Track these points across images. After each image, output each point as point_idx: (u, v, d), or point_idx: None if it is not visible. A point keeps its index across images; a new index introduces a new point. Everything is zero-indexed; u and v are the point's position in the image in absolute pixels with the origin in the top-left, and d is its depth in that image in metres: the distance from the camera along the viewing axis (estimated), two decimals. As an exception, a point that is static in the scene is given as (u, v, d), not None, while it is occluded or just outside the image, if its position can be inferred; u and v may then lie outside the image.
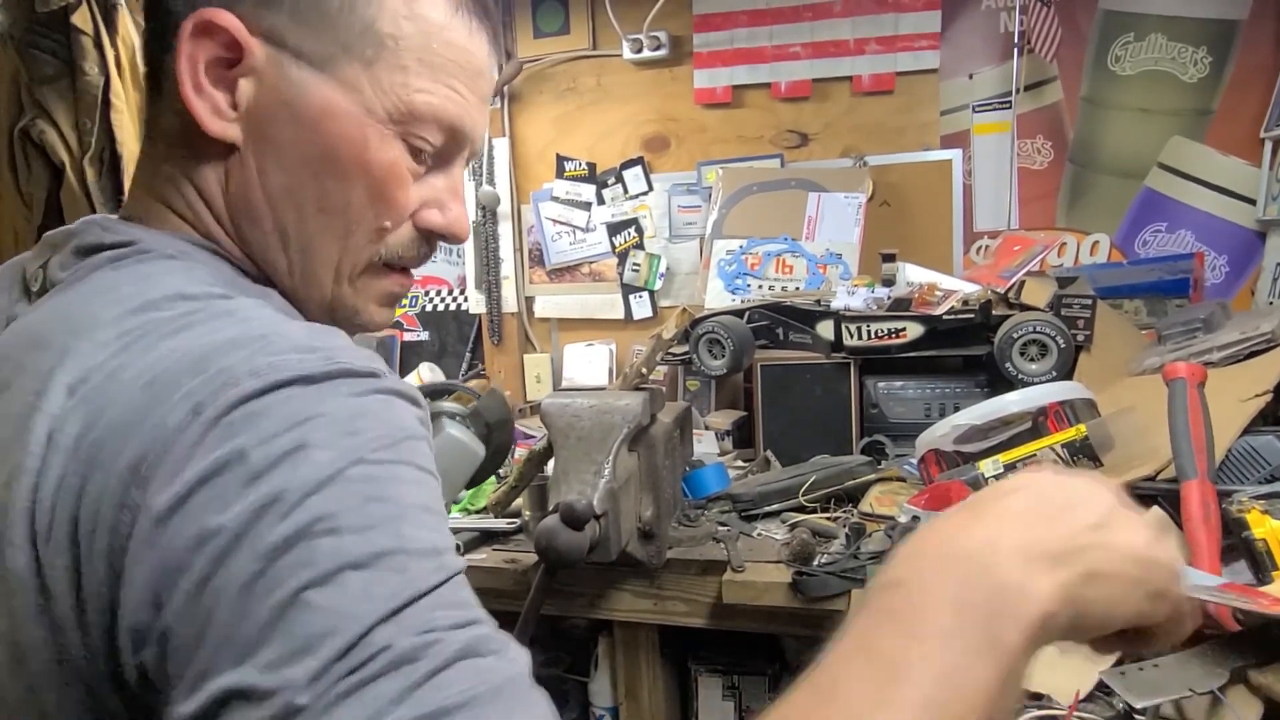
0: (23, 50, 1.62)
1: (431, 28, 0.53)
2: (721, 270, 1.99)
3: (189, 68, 0.49)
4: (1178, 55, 1.84)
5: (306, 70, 0.51)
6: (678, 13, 2.11)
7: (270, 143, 0.51)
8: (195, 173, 0.52)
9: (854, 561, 1.29)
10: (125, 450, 0.40)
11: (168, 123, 0.52)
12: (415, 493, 0.41)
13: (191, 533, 0.37)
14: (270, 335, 0.43)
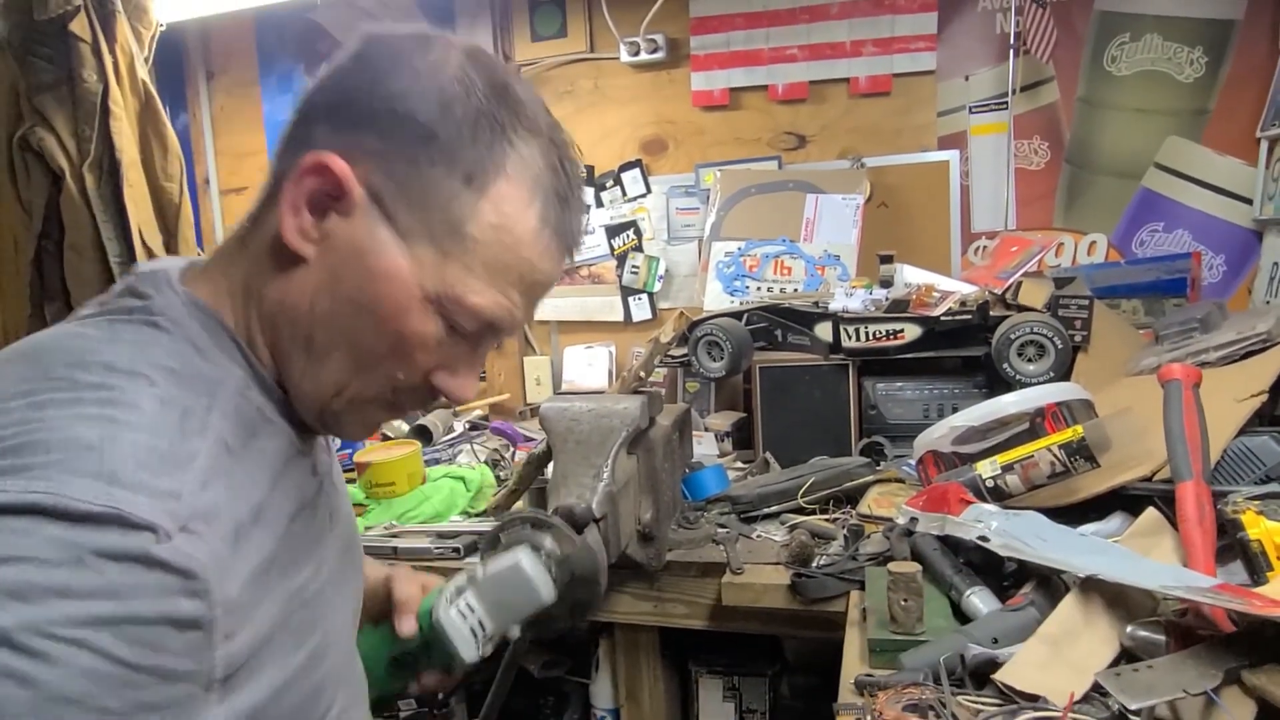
0: (21, 58, 1.63)
1: (510, 240, 0.59)
2: (720, 272, 2.00)
3: (293, 190, 0.56)
4: (1174, 55, 1.85)
5: (389, 233, 0.57)
6: (675, 15, 2.12)
7: (332, 274, 0.58)
8: (263, 267, 0.59)
9: (852, 563, 1.30)
10: None
11: (265, 219, 0.59)
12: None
13: None
14: (99, 448, 0.46)
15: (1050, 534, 1.07)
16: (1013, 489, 1.28)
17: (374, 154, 0.56)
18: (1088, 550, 1.01)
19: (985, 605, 1.04)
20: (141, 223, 1.69)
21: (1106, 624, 0.90)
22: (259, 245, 0.59)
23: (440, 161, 0.57)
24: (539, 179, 0.59)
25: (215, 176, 2.63)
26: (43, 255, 1.65)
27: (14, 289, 1.68)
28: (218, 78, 2.59)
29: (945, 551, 1.18)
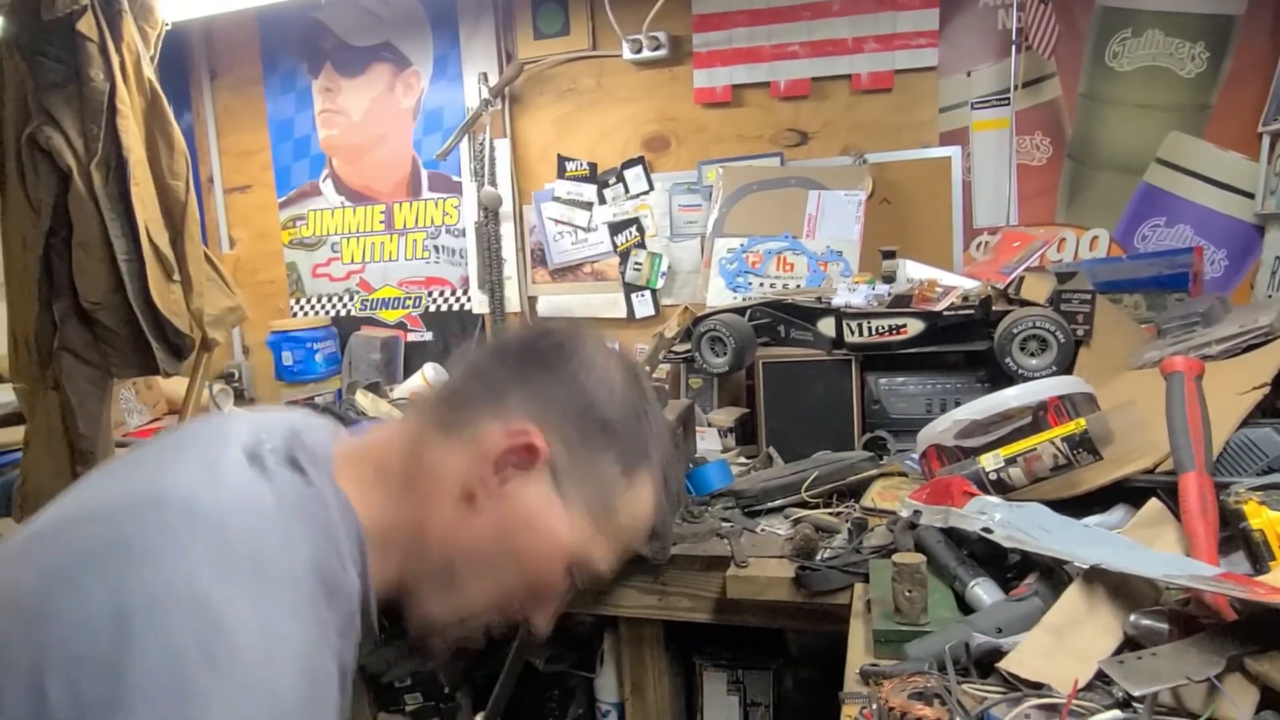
0: (29, 58, 1.63)
1: (639, 525, 0.71)
2: (723, 268, 2.01)
3: (495, 449, 0.64)
4: (1175, 51, 1.85)
5: (558, 499, 0.66)
6: (677, 13, 2.13)
7: (501, 524, 0.65)
8: (430, 500, 0.65)
9: (856, 556, 1.30)
10: None
11: (451, 459, 0.65)
12: None
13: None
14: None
15: (1053, 525, 1.07)
16: (1016, 482, 1.29)
17: (560, 430, 0.66)
18: (1091, 541, 1.02)
19: (989, 596, 1.04)
20: (148, 220, 1.69)
21: (1110, 613, 0.91)
22: (430, 477, 0.65)
23: (610, 448, 0.67)
24: (660, 473, 0.72)
25: (219, 175, 2.64)
26: (51, 253, 1.64)
27: (22, 286, 1.68)
28: (221, 77, 2.60)
29: (949, 544, 1.18)
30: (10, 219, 1.70)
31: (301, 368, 2.45)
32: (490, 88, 2.25)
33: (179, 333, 1.72)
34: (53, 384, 1.68)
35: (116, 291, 1.65)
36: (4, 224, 1.71)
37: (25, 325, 1.70)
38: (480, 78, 2.27)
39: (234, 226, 2.66)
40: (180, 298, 1.76)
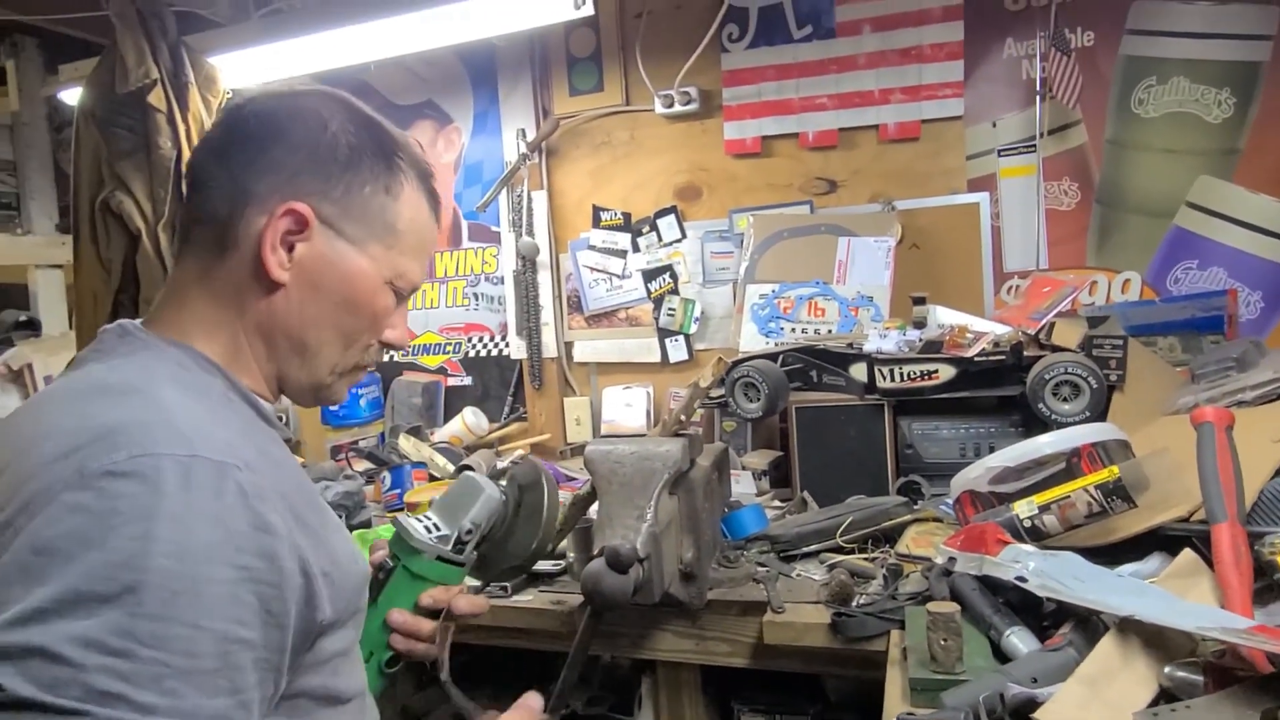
0: (104, 128, 1.75)
1: (419, 226, 0.80)
2: (755, 314, 2.05)
3: (270, 236, 0.72)
4: (1201, 97, 1.88)
5: (345, 244, 0.75)
6: (707, 69, 2.20)
7: (312, 287, 0.74)
8: (241, 299, 0.73)
9: (892, 602, 1.31)
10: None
11: (231, 267, 0.73)
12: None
13: None
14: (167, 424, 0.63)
15: (1088, 574, 1.09)
16: (1050, 529, 1.30)
17: (316, 192, 0.73)
18: (1125, 591, 1.03)
19: (1025, 645, 1.05)
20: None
21: (1145, 664, 0.92)
22: (230, 282, 0.73)
23: (359, 176, 0.75)
24: (419, 181, 0.80)
25: (271, 228, 2.75)
26: (119, 309, 1.76)
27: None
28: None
29: (984, 591, 1.19)
30: (83, 277, 1.81)
31: (346, 412, 2.53)
32: (528, 142, 2.34)
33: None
34: (118, 433, 1.77)
35: (179, 346, 1.75)
36: (77, 283, 1.83)
37: (93, 377, 1.80)
38: (519, 133, 2.36)
39: (284, 276, 2.76)
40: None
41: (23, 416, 0.68)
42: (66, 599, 0.51)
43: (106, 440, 0.57)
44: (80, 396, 0.64)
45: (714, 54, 2.19)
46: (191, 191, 0.74)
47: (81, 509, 0.54)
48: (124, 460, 0.56)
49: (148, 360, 0.69)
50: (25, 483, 0.57)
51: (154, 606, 0.52)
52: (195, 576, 0.54)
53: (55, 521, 0.54)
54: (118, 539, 0.53)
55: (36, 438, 0.60)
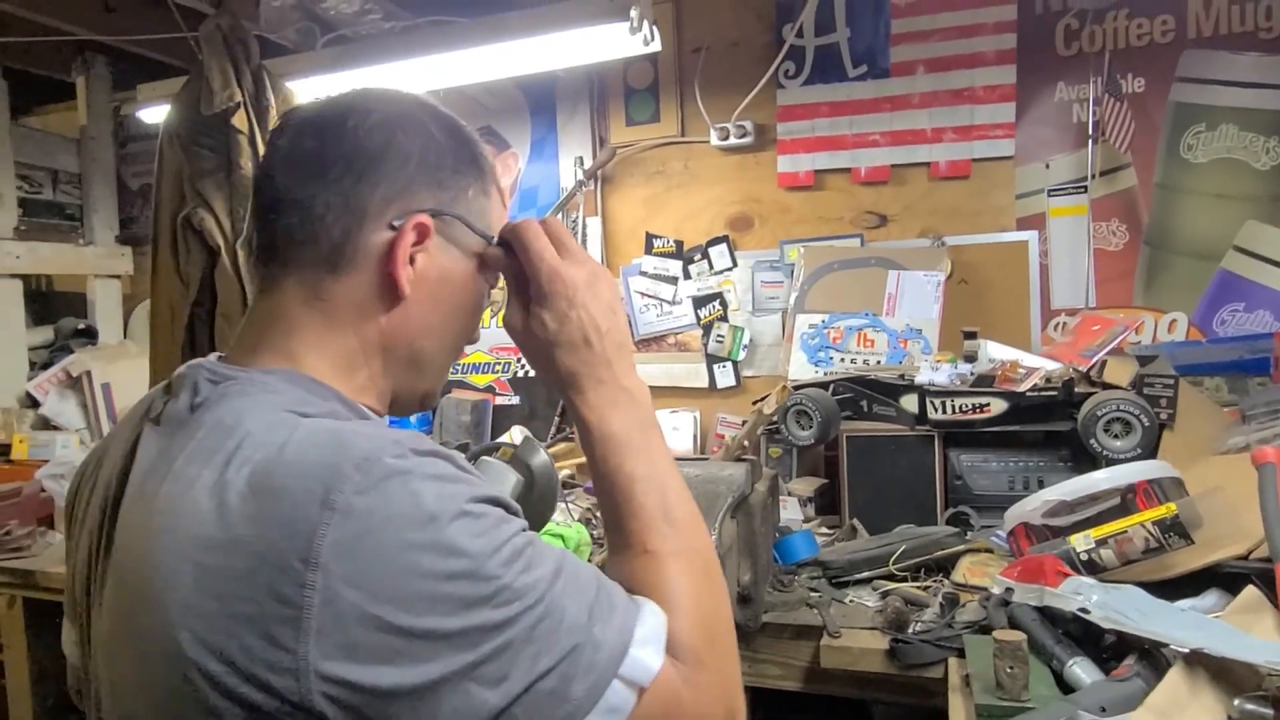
0: (187, 147, 1.83)
1: (501, 222, 0.78)
2: (805, 343, 2.09)
3: (401, 252, 0.68)
4: (1249, 144, 1.92)
5: (457, 251, 0.73)
6: (763, 104, 2.27)
7: (432, 298, 0.72)
8: (361, 318, 0.69)
9: (949, 630, 1.34)
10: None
11: (348, 286, 0.69)
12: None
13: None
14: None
15: (1150, 608, 1.12)
16: (1107, 563, 1.33)
17: (431, 200, 0.70)
18: (1190, 625, 1.06)
19: (1088, 675, 1.08)
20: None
21: (1212, 697, 0.95)
22: (347, 302, 0.68)
23: (464, 180, 0.73)
24: (495, 177, 0.77)
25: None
26: (195, 322, 1.83)
27: (167, 352, 1.86)
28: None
29: (1043, 622, 1.22)
30: (160, 290, 1.88)
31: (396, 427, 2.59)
32: (585, 170, 2.41)
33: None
34: (189, 440, 1.84)
35: (252, 358, 1.81)
36: (154, 294, 1.90)
37: (167, 386, 1.87)
38: (576, 160, 2.43)
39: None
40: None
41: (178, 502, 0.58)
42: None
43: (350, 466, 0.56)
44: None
45: (769, 89, 2.26)
46: (281, 214, 0.68)
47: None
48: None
49: (274, 396, 0.64)
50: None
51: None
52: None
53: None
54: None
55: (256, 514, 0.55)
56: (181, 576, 0.55)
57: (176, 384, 0.66)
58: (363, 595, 0.52)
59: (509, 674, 0.54)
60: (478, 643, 0.54)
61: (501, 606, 0.55)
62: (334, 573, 0.52)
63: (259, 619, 0.52)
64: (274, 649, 0.52)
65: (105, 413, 2.75)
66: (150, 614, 0.56)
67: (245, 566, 0.53)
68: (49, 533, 2.26)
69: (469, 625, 0.54)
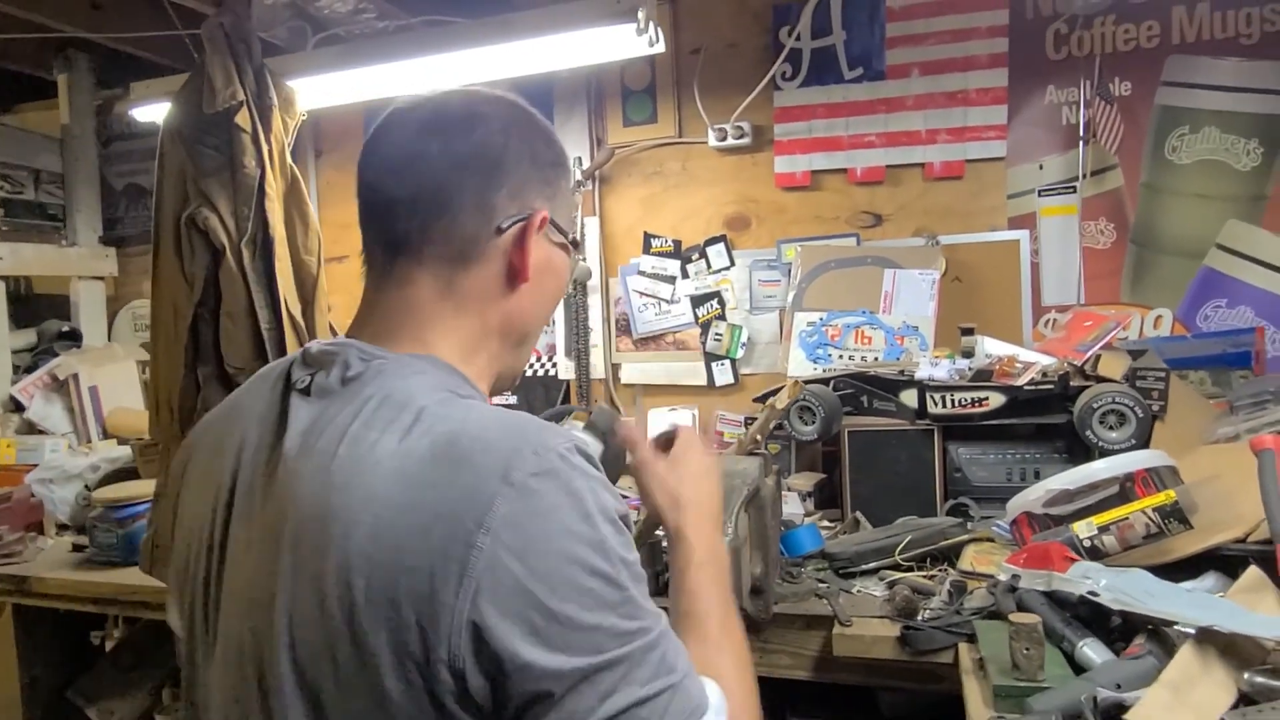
0: (191, 146, 1.82)
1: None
2: (803, 340, 2.13)
3: (529, 243, 0.76)
4: (1231, 146, 1.99)
5: (560, 238, 0.81)
6: (760, 105, 2.30)
7: (540, 283, 0.79)
8: (486, 304, 0.76)
9: (958, 617, 1.38)
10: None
11: (477, 276, 0.76)
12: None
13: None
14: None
15: (1158, 590, 1.16)
16: (1109, 549, 1.37)
17: (543, 195, 0.78)
18: (1198, 605, 1.10)
19: (1098, 655, 1.12)
20: (286, 292, 1.85)
21: (1223, 671, 0.99)
22: (476, 291, 0.76)
23: (562, 177, 0.82)
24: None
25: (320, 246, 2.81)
26: (199, 322, 1.81)
27: (169, 352, 1.84)
28: (326, 154, 2.81)
29: (1051, 604, 1.26)
30: (162, 290, 1.86)
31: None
32: (583, 170, 2.43)
33: (310, 396, 1.86)
34: (193, 442, 1.82)
35: (258, 358, 1.80)
36: (155, 294, 1.88)
37: (169, 388, 1.85)
38: (574, 161, 2.45)
39: (332, 294, 2.82)
40: (311, 363, 1.90)
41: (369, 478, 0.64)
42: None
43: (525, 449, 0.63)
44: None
45: (766, 91, 2.29)
46: (413, 213, 0.73)
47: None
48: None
49: (428, 377, 0.71)
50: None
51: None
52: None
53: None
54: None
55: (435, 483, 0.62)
56: (360, 528, 0.60)
57: (320, 360, 0.72)
58: (521, 567, 0.58)
59: (617, 688, 0.59)
60: (601, 646, 0.59)
61: (626, 619, 0.61)
62: (501, 540, 0.58)
63: (428, 571, 0.58)
64: (435, 600, 0.58)
65: (93, 416, 2.71)
66: (325, 559, 0.61)
67: (422, 523, 0.59)
68: (39, 538, 2.23)
69: (599, 624, 0.59)
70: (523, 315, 0.79)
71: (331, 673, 0.61)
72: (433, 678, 0.58)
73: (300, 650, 0.63)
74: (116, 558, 2.03)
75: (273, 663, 0.64)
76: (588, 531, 0.61)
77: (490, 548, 0.58)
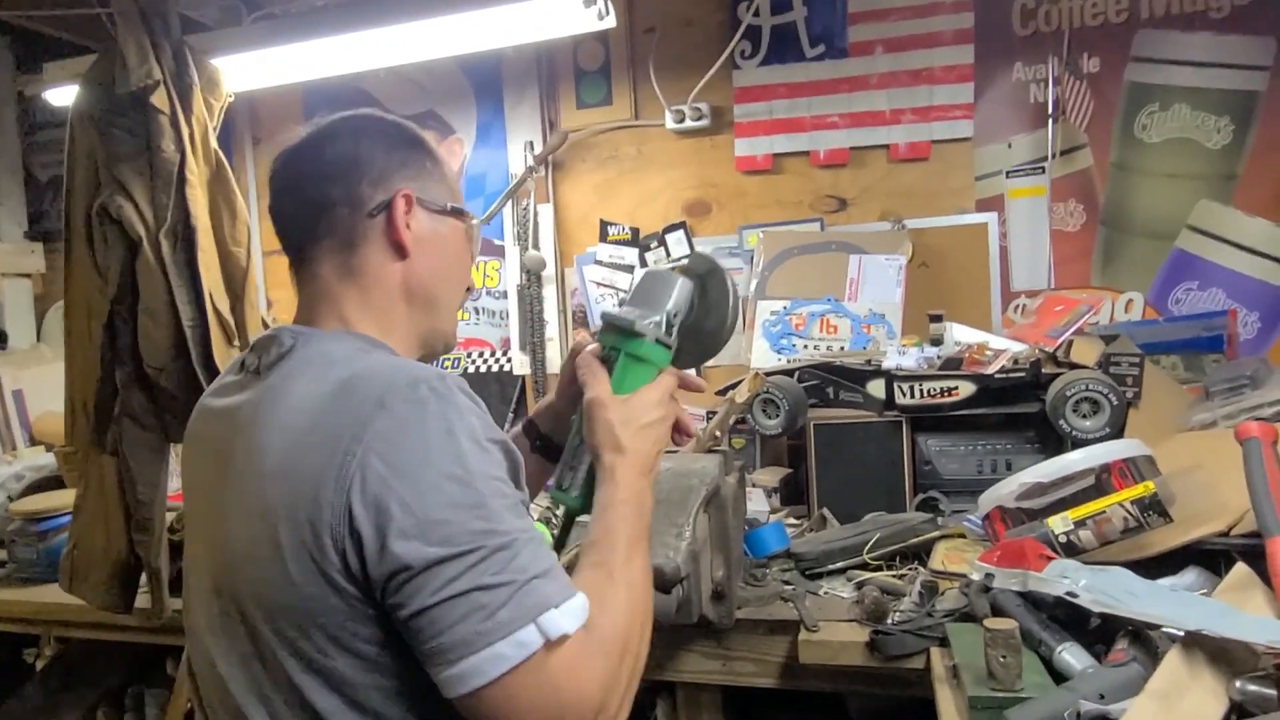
0: (102, 129, 1.68)
1: (456, 183, 1.01)
2: (766, 330, 2.05)
3: (398, 219, 0.90)
4: (1201, 124, 1.94)
5: (435, 212, 0.94)
6: (719, 86, 2.21)
7: (428, 253, 0.93)
8: (381, 278, 0.91)
9: (929, 619, 1.31)
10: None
11: (364, 256, 0.90)
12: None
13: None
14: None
15: (1140, 589, 1.09)
16: (1086, 544, 1.31)
17: (399, 172, 0.91)
18: (1184, 605, 1.03)
19: (1078, 661, 1.05)
20: (212, 286, 1.72)
21: (1212, 679, 0.92)
22: (368, 269, 0.90)
23: (421, 151, 0.95)
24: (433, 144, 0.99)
25: (259, 238, 2.68)
26: (115, 319, 1.67)
27: (84, 353, 1.70)
28: (264, 143, 2.67)
29: (1028, 607, 1.19)
30: (75, 287, 1.73)
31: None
32: (535, 155, 2.31)
33: (239, 396, 1.73)
34: (111, 449, 1.69)
35: (180, 357, 1.67)
36: (68, 292, 1.74)
37: (85, 391, 1.71)
38: (526, 145, 2.34)
39: (272, 289, 2.70)
40: (240, 362, 1.78)
41: (283, 415, 0.80)
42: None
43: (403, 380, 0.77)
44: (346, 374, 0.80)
45: (725, 70, 2.20)
46: (305, 223, 0.90)
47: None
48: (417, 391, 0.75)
49: (346, 342, 0.86)
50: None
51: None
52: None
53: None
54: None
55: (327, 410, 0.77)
56: (271, 452, 0.78)
57: (262, 344, 0.88)
58: (385, 468, 0.72)
59: (462, 575, 0.70)
60: (451, 538, 0.71)
61: (480, 520, 0.72)
62: (372, 448, 0.73)
63: (315, 478, 0.74)
64: (319, 499, 0.73)
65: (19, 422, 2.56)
66: (246, 480, 0.79)
67: (314, 442, 0.75)
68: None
69: (449, 519, 0.71)
70: (421, 281, 0.92)
71: (259, 570, 0.77)
72: (322, 558, 0.73)
73: (237, 559, 0.79)
74: (38, 574, 1.92)
75: (228, 580, 0.81)
76: (448, 444, 0.73)
77: (362, 455, 0.72)
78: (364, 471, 0.72)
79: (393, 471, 0.72)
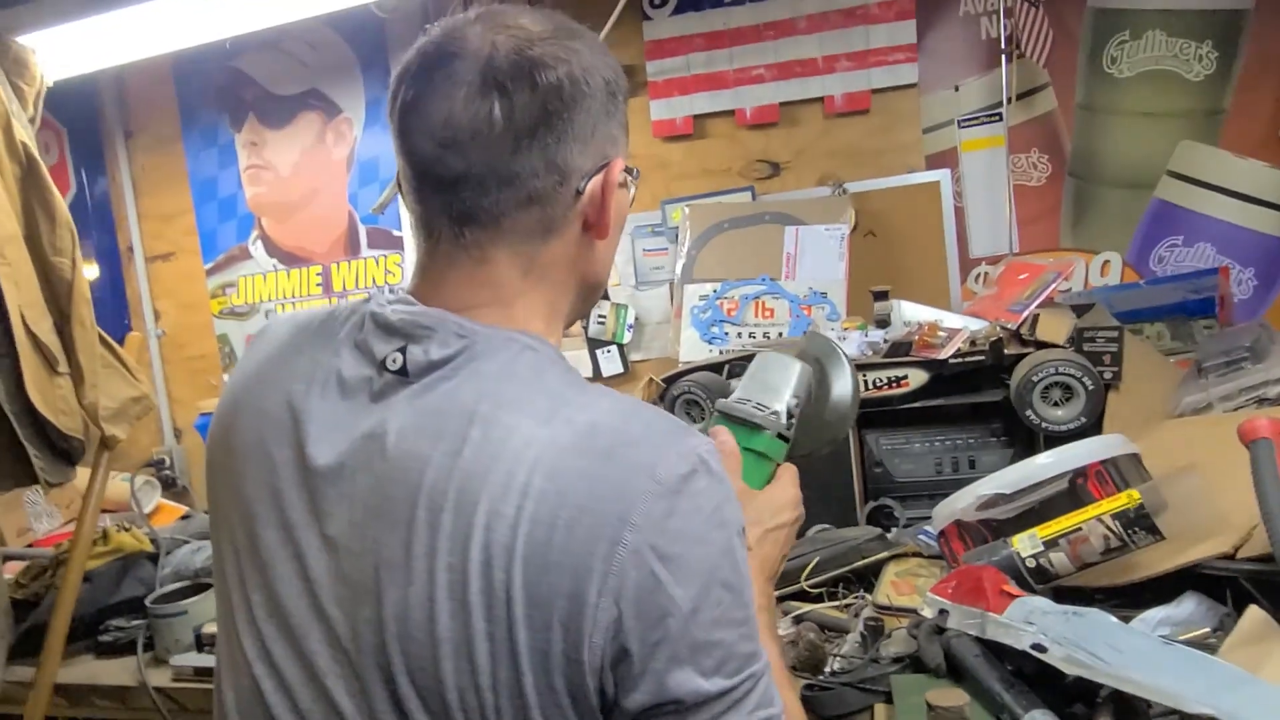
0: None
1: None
2: (695, 318, 1.79)
3: (608, 198, 0.68)
4: (1180, 52, 1.69)
5: (623, 180, 0.72)
6: (628, 40, 1.94)
7: (615, 229, 0.72)
8: (570, 270, 0.71)
9: (874, 667, 1.08)
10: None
11: (565, 241, 0.69)
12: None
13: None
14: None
15: (1125, 643, 0.85)
16: (1059, 569, 1.08)
17: (611, 140, 0.69)
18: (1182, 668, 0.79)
19: (1050, 735, 0.82)
20: (24, 305, 1.46)
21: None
22: (561, 257, 0.69)
23: (622, 113, 0.72)
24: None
25: (139, 242, 2.41)
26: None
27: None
28: (137, 136, 2.38)
29: (987, 657, 0.97)
30: None
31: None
32: (427, 132, 2.04)
33: (64, 435, 1.47)
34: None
35: (-16, 393, 1.41)
36: None
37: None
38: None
39: (158, 299, 2.43)
40: (69, 392, 1.51)
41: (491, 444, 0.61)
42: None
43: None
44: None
45: (634, 22, 1.93)
46: (484, 188, 0.64)
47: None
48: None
49: (529, 356, 0.66)
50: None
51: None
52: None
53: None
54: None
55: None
56: (503, 520, 0.58)
57: (406, 331, 0.65)
58: (664, 568, 0.57)
59: (724, 712, 0.59)
60: (722, 666, 0.59)
61: (746, 640, 0.60)
62: (647, 539, 0.57)
63: (571, 567, 0.57)
64: (578, 598, 0.56)
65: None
66: (465, 552, 0.58)
67: (567, 517, 0.57)
68: None
69: (722, 640, 0.58)
70: (597, 268, 0.74)
71: (468, 670, 0.58)
72: (574, 676, 0.57)
73: (418, 646, 0.60)
74: None
75: (379, 655, 0.61)
76: (723, 540, 0.60)
77: (635, 545, 0.57)
78: (639, 570, 0.56)
79: (672, 573, 0.57)
